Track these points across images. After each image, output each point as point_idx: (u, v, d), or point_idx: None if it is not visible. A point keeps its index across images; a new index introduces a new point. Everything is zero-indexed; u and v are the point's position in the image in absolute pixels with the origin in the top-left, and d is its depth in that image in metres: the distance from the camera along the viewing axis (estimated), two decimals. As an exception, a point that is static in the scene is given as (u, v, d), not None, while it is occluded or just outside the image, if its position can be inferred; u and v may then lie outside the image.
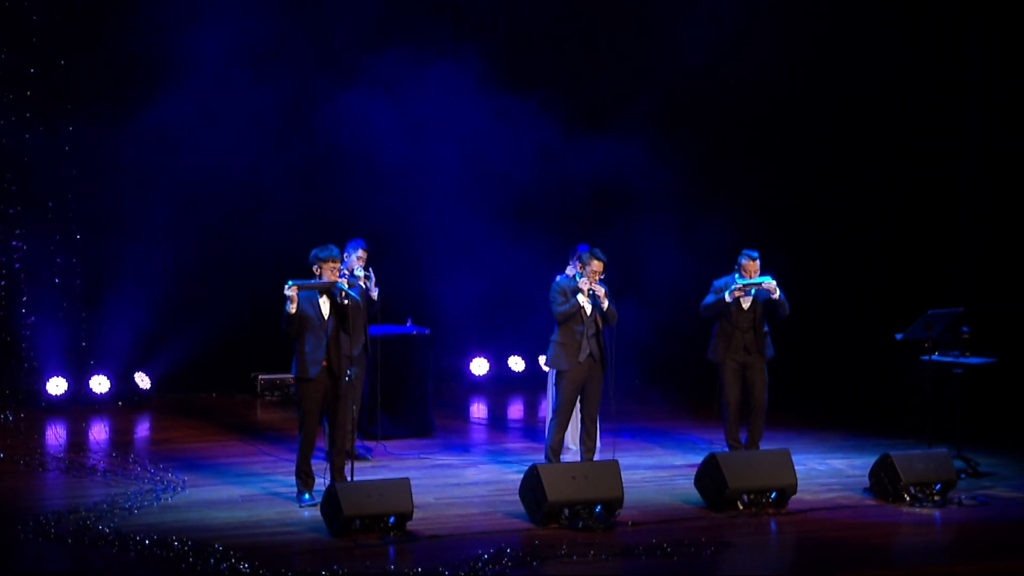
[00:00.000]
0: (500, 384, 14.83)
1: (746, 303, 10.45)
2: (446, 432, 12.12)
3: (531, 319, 12.58)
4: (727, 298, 10.37)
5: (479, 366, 13.28)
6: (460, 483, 10.13)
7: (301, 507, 9.19)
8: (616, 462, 9.16)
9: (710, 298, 10.52)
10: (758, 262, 10.42)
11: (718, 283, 10.54)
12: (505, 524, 8.85)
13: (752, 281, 10.35)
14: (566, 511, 8.79)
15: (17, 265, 12.19)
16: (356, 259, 10.34)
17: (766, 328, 10.53)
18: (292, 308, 8.99)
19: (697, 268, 11.88)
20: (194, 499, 9.44)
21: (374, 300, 10.21)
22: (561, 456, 10.27)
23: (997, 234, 13.57)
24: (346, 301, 9.16)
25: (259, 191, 13.48)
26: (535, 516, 8.84)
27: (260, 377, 13.80)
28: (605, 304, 9.96)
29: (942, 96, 13.81)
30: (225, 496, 9.54)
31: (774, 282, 10.34)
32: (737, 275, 10.43)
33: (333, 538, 8.37)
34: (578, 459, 10.30)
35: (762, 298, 10.43)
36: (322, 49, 13.57)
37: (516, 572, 7.83)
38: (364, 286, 10.00)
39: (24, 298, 12.27)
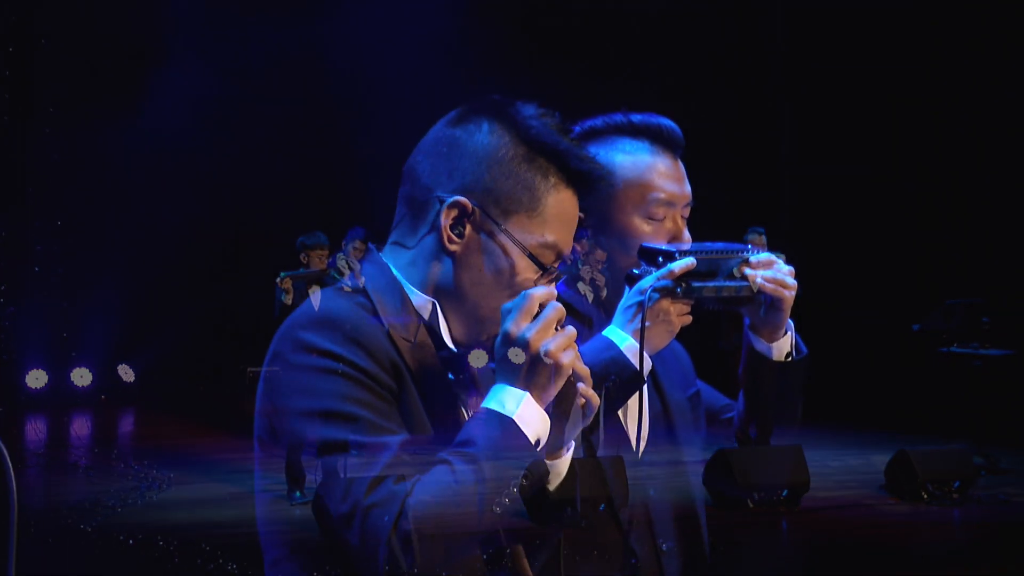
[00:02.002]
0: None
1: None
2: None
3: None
4: (735, 274, 10.15)
5: (477, 358, 13.17)
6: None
7: (292, 505, 8.94)
8: (621, 458, 8.92)
9: None
10: (764, 238, 10.30)
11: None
12: (505, 522, 8.61)
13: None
14: (568, 509, 8.54)
15: (-5, 253, 12.11)
16: (353, 249, 10.13)
17: None
18: (289, 299, 8.86)
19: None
20: (180, 497, 9.27)
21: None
22: (562, 452, 10.09)
23: (1016, 220, 13.38)
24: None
25: (250, 177, 13.37)
26: (536, 514, 8.60)
27: (250, 370, 13.57)
28: (604, 293, 9.89)
29: (960, 82, 13.66)
30: (213, 494, 9.36)
31: (783, 256, 10.17)
32: None
33: (325, 537, 8.13)
34: (580, 455, 10.09)
35: None
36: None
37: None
38: (345, 273, 9.85)
39: (2, 287, 12.19)
